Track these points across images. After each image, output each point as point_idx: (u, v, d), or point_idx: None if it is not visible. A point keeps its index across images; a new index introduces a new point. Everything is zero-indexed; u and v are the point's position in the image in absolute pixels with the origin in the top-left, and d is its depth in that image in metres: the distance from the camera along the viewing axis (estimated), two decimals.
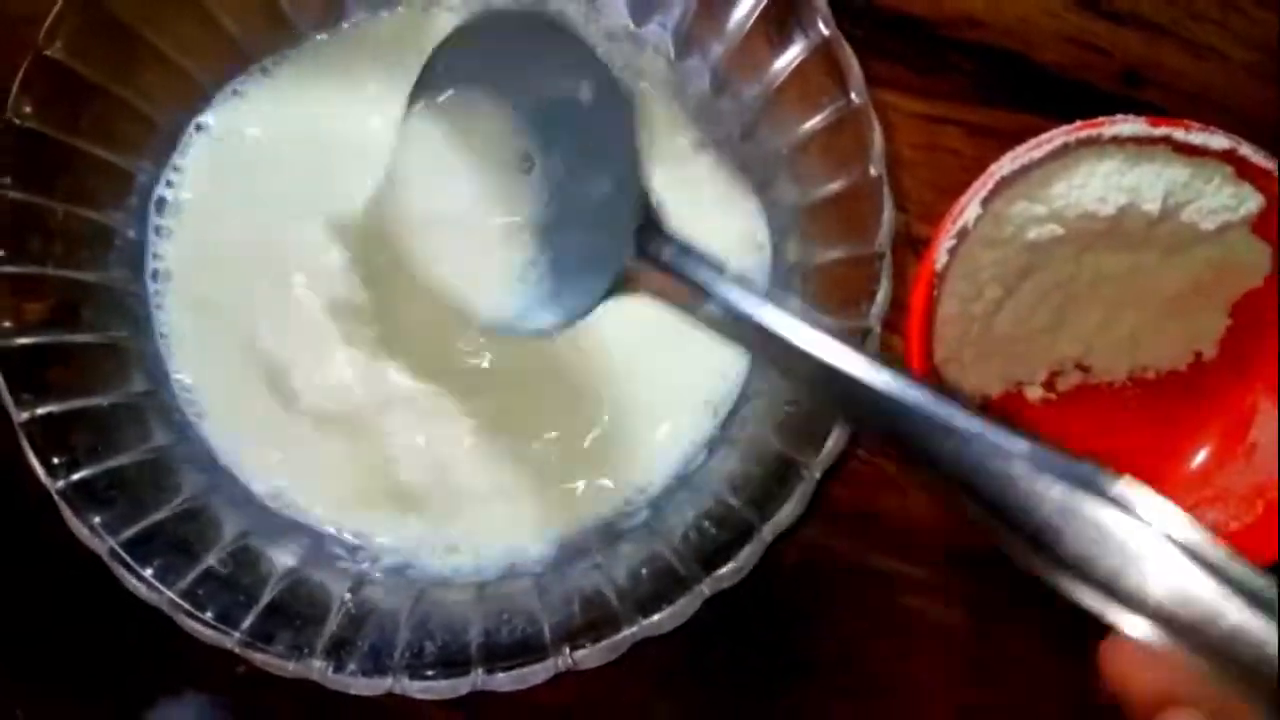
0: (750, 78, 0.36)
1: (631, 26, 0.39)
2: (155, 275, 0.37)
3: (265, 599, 0.33)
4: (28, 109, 0.33)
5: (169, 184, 0.37)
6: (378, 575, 0.36)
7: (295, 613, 0.33)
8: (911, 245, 0.40)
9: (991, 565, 0.38)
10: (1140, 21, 0.42)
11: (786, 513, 0.32)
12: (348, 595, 0.34)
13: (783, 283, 0.38)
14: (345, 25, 0.39)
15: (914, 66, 0.42)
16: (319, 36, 0.39)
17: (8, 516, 0.38)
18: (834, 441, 0.32)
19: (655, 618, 0.32)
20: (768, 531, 0.32)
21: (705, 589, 0.32)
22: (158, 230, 0.37)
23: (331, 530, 0.37)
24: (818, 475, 0.32)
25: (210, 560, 0.33)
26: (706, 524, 0.34)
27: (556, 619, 0.33)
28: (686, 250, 0.30)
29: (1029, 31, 0.42)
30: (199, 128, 0.38)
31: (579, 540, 0.37)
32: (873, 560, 0.40)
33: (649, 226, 0.30)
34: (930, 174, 0.41)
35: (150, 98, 0.36)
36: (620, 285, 0.31)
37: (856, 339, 0.31)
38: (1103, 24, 0.42)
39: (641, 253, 0.30)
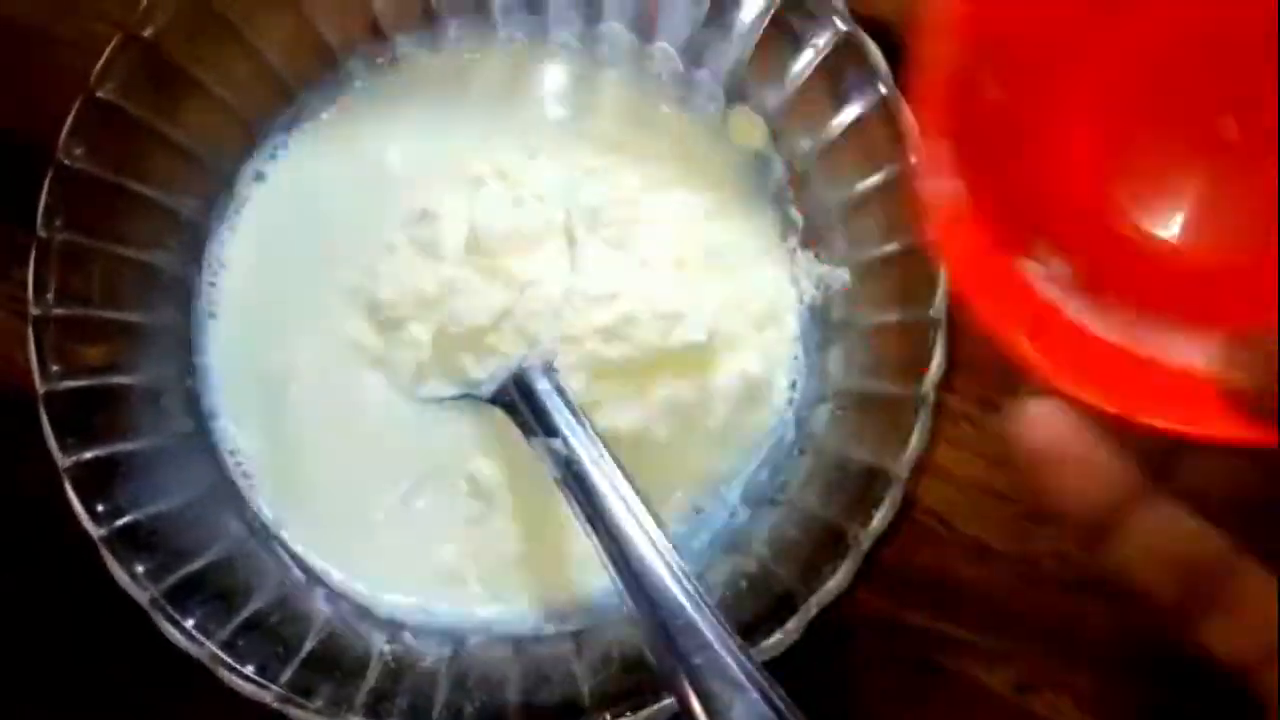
0: (805, 132, 0.36)
1: (683, 72, 0.39)
2: (203, 318, 0.37)
3: (304, 650, 0.33)
4: (79, 150, 0.33)
5: (225, 227, 0.37)
6: (413, 624, 0.36)
7: (334, 665, 0.33)
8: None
9: (1032, 628, 0.38)
10: None
11: (834, 584, 0.31)
12: (386, 647, 0.34)
13: (826, 339, 0.37)
14: (394, 64, 0.39)
15: None
16: (368, 77, 0.39)
17: (46, 558, 0.38)
18: (884, 512, 0.32)
19: None
20: (814, 603, 0.31)
21: None
22: (209, 273, 0.37)
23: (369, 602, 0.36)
24: (867, 546, 0.32)
25: (250, 610, 0.33)
26: (744, 585, 0.34)
27: (595, 681, 0.32)
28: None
29: None
30: (257, 176, 0.38)
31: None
32: (911, 618, 0.39)
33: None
34: None
35: (201, 139, 0.36)
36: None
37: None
38: None
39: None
